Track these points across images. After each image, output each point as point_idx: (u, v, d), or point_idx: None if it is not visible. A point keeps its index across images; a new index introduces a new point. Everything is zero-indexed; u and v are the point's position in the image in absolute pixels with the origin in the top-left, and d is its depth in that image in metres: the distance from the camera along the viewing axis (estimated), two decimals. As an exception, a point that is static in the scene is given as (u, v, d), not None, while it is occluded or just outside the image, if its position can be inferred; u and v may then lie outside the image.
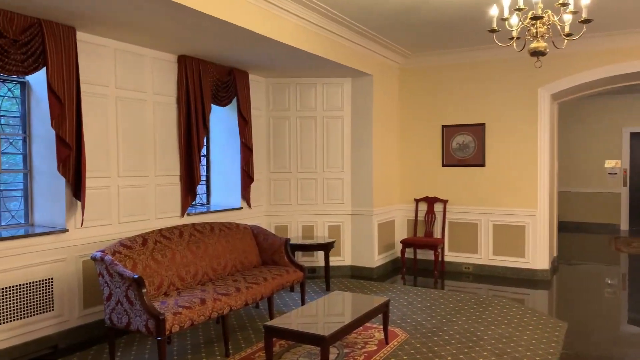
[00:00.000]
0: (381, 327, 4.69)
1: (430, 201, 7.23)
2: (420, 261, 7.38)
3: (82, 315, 4.45)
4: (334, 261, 6.79)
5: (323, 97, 6.82)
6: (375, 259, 6.87)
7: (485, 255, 7.02)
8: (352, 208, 6.87)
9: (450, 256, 7.23)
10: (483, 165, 6.99)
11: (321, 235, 6.82)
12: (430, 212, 7.22)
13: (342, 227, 6.88)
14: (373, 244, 6.81)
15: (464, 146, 7.10)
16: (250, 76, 6.44)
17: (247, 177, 6.33)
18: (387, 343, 4.33)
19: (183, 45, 4.99)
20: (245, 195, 6.39)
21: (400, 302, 5.60)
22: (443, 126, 7.22)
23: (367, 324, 4.62)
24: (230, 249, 4.98)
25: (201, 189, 6.36)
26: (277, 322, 3.75)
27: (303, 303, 5.17)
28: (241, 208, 6.36)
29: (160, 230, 4.47)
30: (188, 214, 5.58)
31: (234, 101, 6.12)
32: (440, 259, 7.10)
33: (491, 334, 4.59)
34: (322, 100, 6.83)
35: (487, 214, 6.97)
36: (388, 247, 7.26)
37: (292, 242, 6.15)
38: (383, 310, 4.28)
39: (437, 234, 7.23)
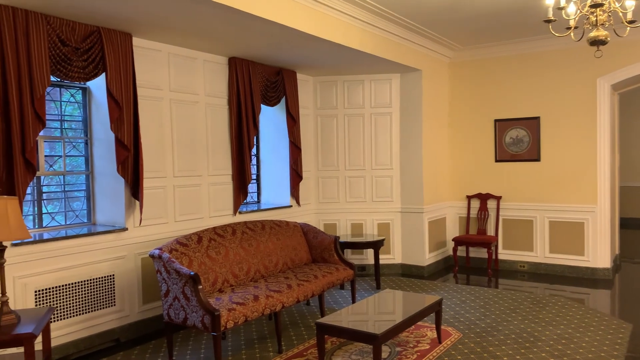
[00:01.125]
0: (433, 326, 4.63)
1: (483, 198, 7.06)
2: (473, 259, 7.22)
3: (141, 311, 4.63)
4: (384, 259, 6.75)
5: (371, 93, 6.79)
6: (426, 257, 6.78)
7: (541, 253, 6.78)
8: (401, 205, 6.80)
9: (504, 254, 7.03)
10: (538, 160, 6.75)
11: (370, 233, 6.79)
12: (483, 209, 7.05)
13: (392, 225, 6.83)
14: (424, 242, 6.72)
15: (518, 140, 6.88)
16: (298, 75, 6.49)
17: (296, 175, 6.39)
18: (440, 342, 4.27)
19: (233, 48, 5.09)
20: (295, 193, 6.45)
21: (453, 301, 5.50)
22: (496, 120, 7.02)
23: (419, 323, 4.57)
24: (281, 247, 5.05)
25: (251, 187, 6.48)
26: (329, 319, 3.77)
27: (354, 301, 5.17)
28: (290, 206, 6.44)
29: (214, 228, 4.58)
30: (240, 212, 5.69)
31: (283, 101, 6.20)
32: (494, 257, 6.93)
33: (549, 334, 4.43)
34: (370, 97, 6.79)
35: (543, 211, 6.73)
36: (439, 245, 7.14)
37: (341, 239, 6.17)
38: (436, 309, 4.22)
39: (490, 231, 7.05)
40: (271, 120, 6.45)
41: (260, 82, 5.77)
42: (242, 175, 5.59)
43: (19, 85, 3.62)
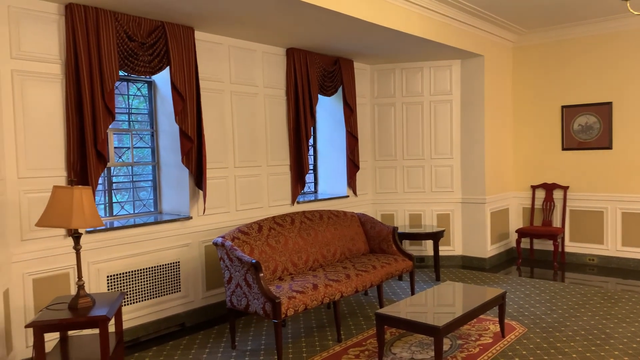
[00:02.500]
0: (496, 319, 4.50)
1: (549, 188, 6.76)
2: (537, 252, 6.94)
3: (205, 297, 4.78)
4: (444, 251, 6.62)
5: (430, 81, 6.63)
6: (488, 249, 6.58)
7: (612, 246, 6.42)
8: (462, 196, 6.63)
9: (571, 247, 6.71)
10: (610, 148, 6.37)
11: (429, 224, 6.67)
12: (548, 199, 6.75)
13: (452, 216, 6.67)
14: (485, 234, 6.53)
15: (587, 128, 6.52)
16: (355, 64, 6.44)
17: (352, 165, 6.37)
18: (503, 336, 4.14)
19: (291, 38, 5.11)
20: (351, 183, 6.44)
21: (517, 295, 5.32)
22: (563, 107, 6.68)
23: (481, 316, 4.46)
24: (338, 236, 5.05)
25: (309, 177, 6.52)
26: (389, 310, 3.74)
27: (413, 292, 5.11)
28: (347, 196, 6.43)
29: (273, 217, 4.65)
30: (297, 202, 5.75)
31: (340, 90, 6.17)
32: (560, 249, 6.63)
33: (622, 332, 4.20)
34: (430, 84, 6.63)
35: (615, 201, 6.35)
36: (502, 236, 6.91)
37: (400, 230, 6.10)
38: (499, 302, 4.09)
39: (556, 222, 6.75)
40: (328, 110, 6.45)
41: (318, 72, 5.78)
42: (300, 165, 5.63)
43: (91, 80, 3.80)
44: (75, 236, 2.98)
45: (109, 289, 4.07)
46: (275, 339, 3.70)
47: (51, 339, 3.61)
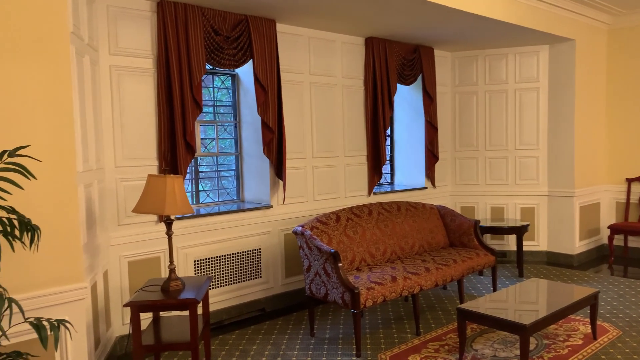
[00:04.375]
0: (585, 320, 4.26)
1: (647, 181, 6.24)
2: (632, 250, 6.45)
3: (284, 284, 4.90)
4: (527, 246, 6.32)
5: (515, 68, 6.31)
6: (576, 245, 6.21)
7: None
8: (548, 189, 6.29)
9: (672, 246, 6.18)
10: None
11: (512, 217, 6.40)
12: (646, 193, 6.24)
13: (537, 209, 6.35)
14: (574, 229, 6.15)
15: (695, 116, 5.93)
16: (436, 52, 6.27)
17: (431, 156, 6.23)
18: (595, 338, 3.90)
19: (371, 27, 5.06)
20: (430, 174, 6.30)
21: (609, 295, 4.98)
22: (665, 93, 6.12)
23: (570, 316, 4.22)
24: (417, 229, 4.97)
25: (385, 168, 6.45)
26: (471, 305, 3.64)
27: (494, 288, 4.93)
28: (425, 188, 6.30)
29: (351, 208, 4.66)
30: (374, 193, 5.72)
31: (419, 79, 6.04)
32: (659, 248, 6.12)
33: None
34: (515, 71, 6.32)
35: None
36: (592, 232, 6.49)
37: (481, 224, 5.90)
38: (591, 302, 3.86)
39: (655, 219, 6.23)
40: (406, 99, 6.34)
41: (397, 60, 5.68)
42: (377, 156, 5.59)
43: (180, 74, 3.98)
44: (168, 222, 3.15)
45: (195, 273, 4.28)
46: (354, 328, 3.72)
47: (144, 318, 3.86)
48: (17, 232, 1.98)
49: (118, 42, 3.80)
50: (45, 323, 1.95)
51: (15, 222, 1.98)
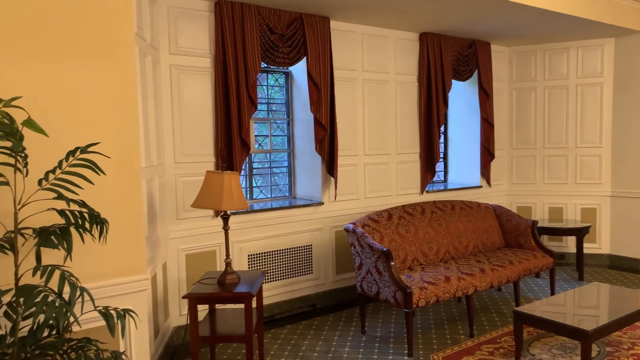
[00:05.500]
0: (654, 328, 4.03)
1: None
2: None
3: (334, 280, 4.92)
4: (588, 248, 6.05)
5: (577, 62, 6.04)
6: (642, 249, 5.89)
7: None
8: (612, 189, 5.99)
9: None
10: None
11: (572, 218, 6.14)
12: None
13: (599, 210, 6.06)
14: (640, 231, 5.84)
15: None
16: (492, 46, 6.10)
17: (487, 154, 6.07)
18: (663, 348, 3.69)
19: (425, 23, 4.98)
20: (485, 173, 6.14)
21: (679, 302, 4.69)
22: None
23: (635, 323, 4.01)
24: (471, 229, 4.86)
25: (438, 166, 6.34)
26: (528, 308, 3.53)
27: (552, 291, 4.76)
28: (480, 186, 6.15)
29: (403, 206, 4.61)
30: (427, 192, 5.64)
31: (475, 74, 5.90)
32: None
33: None
34: (576, 66, 6.05)
35: None
36: (659, 235, 6.13)
37: (538, 224, 5.69)
38: (660, 310, 3.64)
39: None
40: (461, 95, 6.20)
41: (452, 56, 5.57)
42: (430, 153, 5.51)
43: (236, 72, 4.06)
44: (225, 217, 3.23)
45: (249, 267, 4.36)
46: (406, 328, 3.69)
47: (200, 310, 3.97)
48: (87, 225, 2.09)
49: (178, 41, 3.92)
50: (112, 312, 2.04)
51: (86, 215, 2.09)
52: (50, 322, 1.88)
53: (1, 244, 1.99)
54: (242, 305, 3.61)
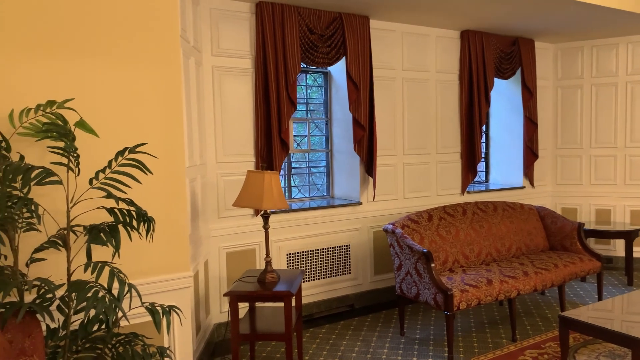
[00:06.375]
0: None
1: None
2: None
3: (373, 281, 4.89)
4: (638, 252, 5.80)
5: (627, 59, 5.80)
6: (697, 254, 5.61)
7: None
8: (664, 190, 5.73)
9: None
10: None
11: (620, 221, 5.90)
12: None
13: (650, 213, 5.81)
14: (694, 235, 5.56)
15: None
16: (536, 43, 5.93)
17: (530, 153, 5.91)
18: None
19: (466, 20, 4.89)
20: (528, 173, 5.99)
21: None
22: None
23: (690, 332, 3.81)
24: (514, 230, 4.74)
25: (479, 166, 6.21)
26: (575, 313, 3.41)
27: (600, 296, 4.59)
28: (523, 187, 5.99)
29: (443, 207, 4.54)
30: (468, 192, 5.54)
31: (518, 73, 5.75)
32: None
33: None
34: (626, 62, 5.81)
35: None
36: None
37: (584, 227, 5.50)
38: None
39: None
40: (503, 94, 6.05)
41: (494, 53, 5.45)
42: (472, 153, 5.40)
43: (276, 73, 4.09)
44: (265, 216, 3.26)
45: (287, 266, 4.39)
46: (446, 330, 3.63)
47: (240, 307, 4.03)
48: (134, 223, 2.15)
49: (220, 43, 3.99)
50: (158, 308, 2.10)
51: (134, 214, 2.15)
52: (100, 317, 1.95)
53: (54, 241, 2.07)
54: (281, 304, 3.64)
